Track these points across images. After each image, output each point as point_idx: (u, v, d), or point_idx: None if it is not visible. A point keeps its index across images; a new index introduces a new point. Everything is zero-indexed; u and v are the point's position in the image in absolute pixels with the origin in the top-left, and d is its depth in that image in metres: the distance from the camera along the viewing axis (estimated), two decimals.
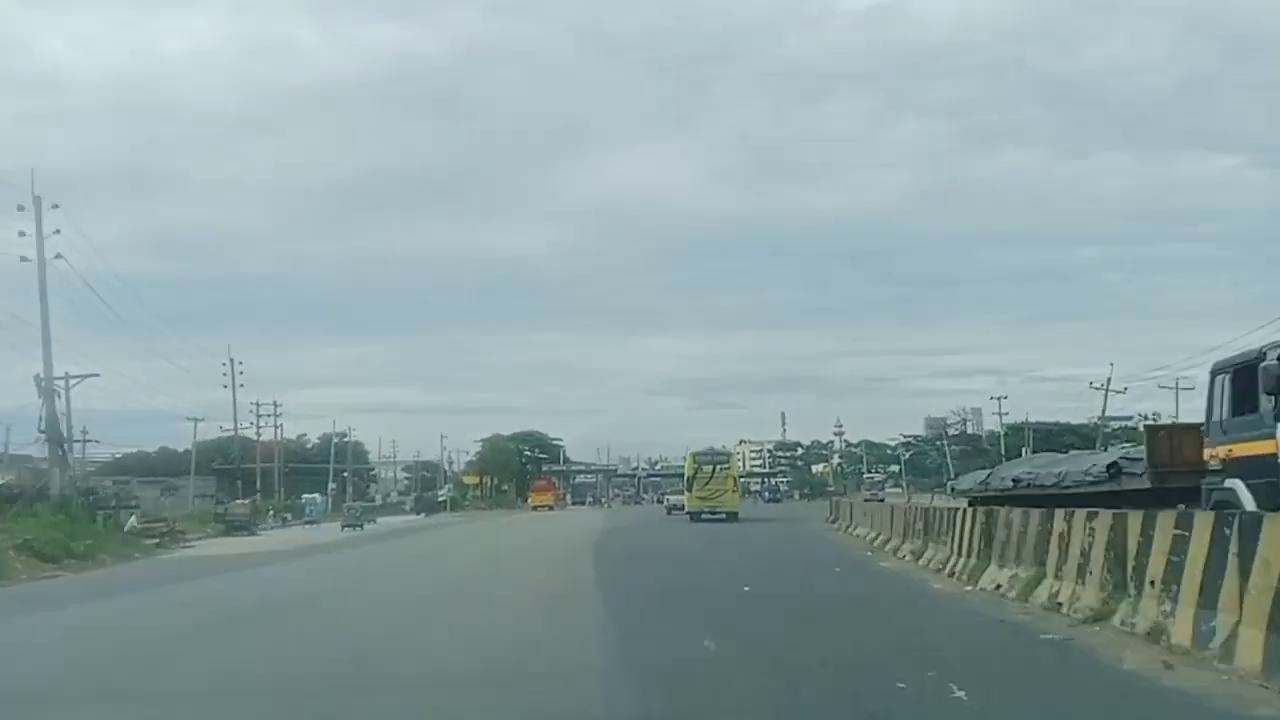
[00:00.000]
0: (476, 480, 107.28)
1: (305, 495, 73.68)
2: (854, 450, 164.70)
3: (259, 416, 78.21)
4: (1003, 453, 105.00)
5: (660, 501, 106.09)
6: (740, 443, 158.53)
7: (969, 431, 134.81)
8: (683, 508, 47.43)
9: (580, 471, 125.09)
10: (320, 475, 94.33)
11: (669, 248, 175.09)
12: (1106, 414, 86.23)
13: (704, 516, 39.35)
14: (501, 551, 30.38)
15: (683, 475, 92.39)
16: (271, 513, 64.65)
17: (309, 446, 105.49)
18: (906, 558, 19.69)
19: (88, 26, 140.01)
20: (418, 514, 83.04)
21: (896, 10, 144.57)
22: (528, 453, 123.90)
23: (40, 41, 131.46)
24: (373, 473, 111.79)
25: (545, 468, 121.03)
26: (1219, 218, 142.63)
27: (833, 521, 41.20)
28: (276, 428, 79.72)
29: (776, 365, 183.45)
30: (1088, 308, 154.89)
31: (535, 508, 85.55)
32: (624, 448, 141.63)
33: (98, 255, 77.78)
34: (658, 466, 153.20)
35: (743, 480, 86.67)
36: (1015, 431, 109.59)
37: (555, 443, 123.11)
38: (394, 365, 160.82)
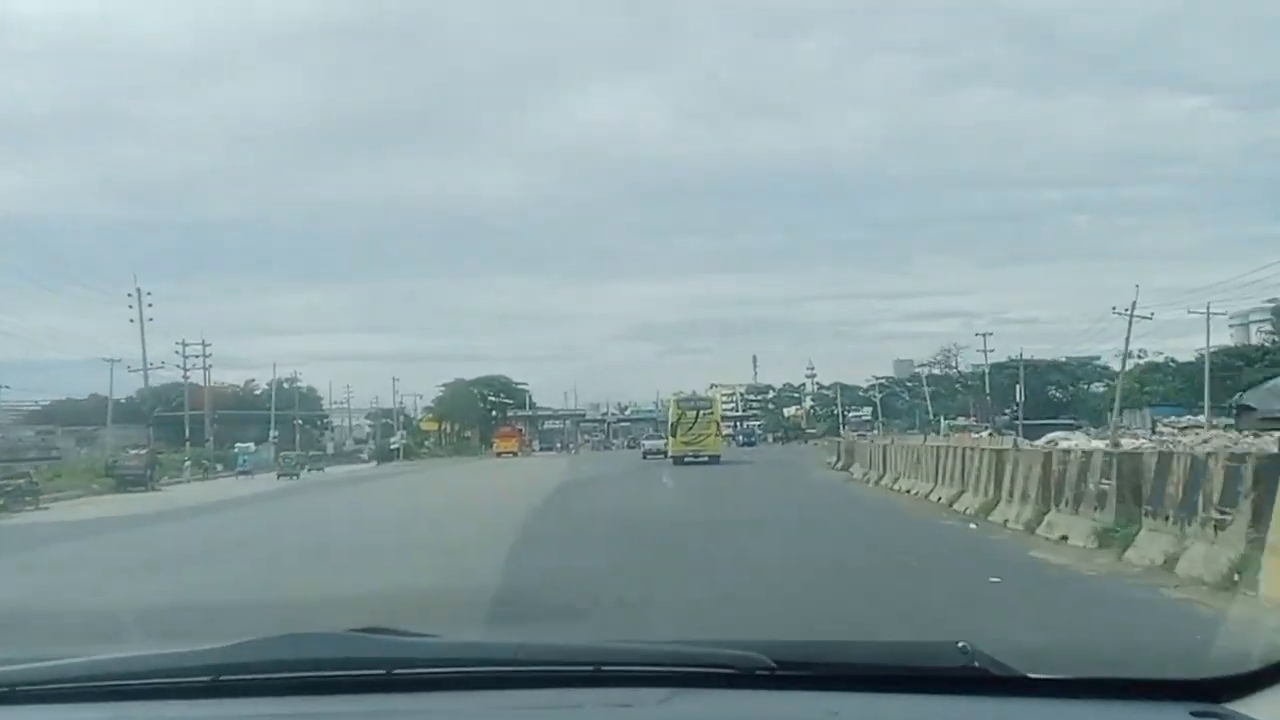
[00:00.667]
0: (436, 427, 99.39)
1: (239, 444, 65.77)
2: (826, 393, 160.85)
3: (185, 359, 69.28)
4: (988, 391, 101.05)
5: (632, 446, 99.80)
6: (711, 386, 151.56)
7: (949, 371, 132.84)
8: (662, 452, 48.05)
9: (548, 417, 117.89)
10: (269, 422, 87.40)
11: (636, 190, 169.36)
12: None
13: (686, 460, 38.92)
14: (426, 509, 23.59)
15: (654, 420, 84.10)
16: (188, 463, 56.79)
17: (257, 393, 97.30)
18: (1029, 530, 12.56)
19: None
20: (371, 462, 75.81)
21: None
22: (492, 398, 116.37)
23: None
24: (326, 419, 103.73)
25: (510, 413, 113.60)
26: (1185, 159, 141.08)
27: (842, 468, 34.20)
28: (205, 369, 71.19)
29: (746, 309, 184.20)
30: (1054, 249, 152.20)
31: (499, 454, 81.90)
32: (593, 393, 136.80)
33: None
34: (628, 411, 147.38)
35: None
36: (999, 370, 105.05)
37: (520, 388, 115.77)
38: (356, 312, 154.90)
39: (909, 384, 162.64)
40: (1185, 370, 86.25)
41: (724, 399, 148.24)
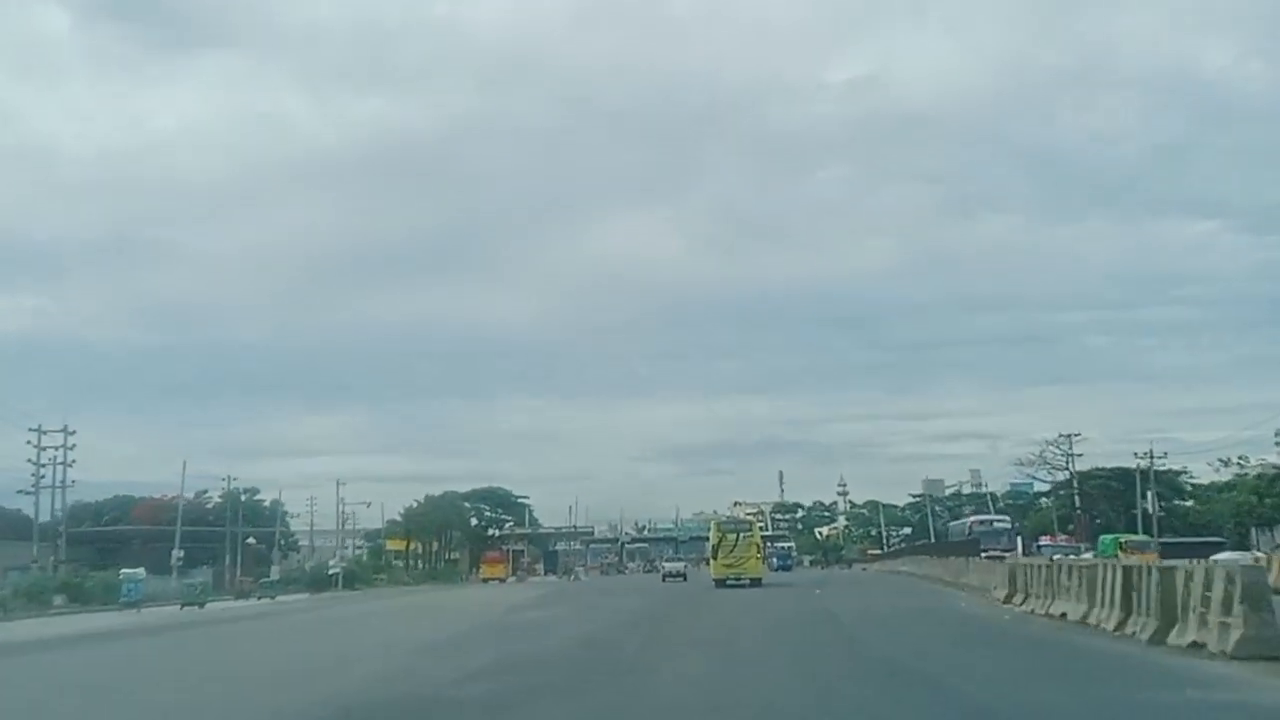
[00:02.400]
0: (402, 546, 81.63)
1: (125, 570, 49.44)
2: (861, 511, 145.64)
3: (39, 465, 53.68)
4: (1078, 507, 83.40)
5: (649, 570, 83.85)
6: (735, 505, 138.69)
7: (976, 490, 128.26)
8: (681, 575, 53.12)
9: (549, 535, 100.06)
10: (224, 540, 72.72)
11: (655, 314, 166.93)
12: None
13: (729, 583, 37.65)
14: None
15: (673, 539, 74.84)
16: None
17: (208, 506, 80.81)
18: None
19: (79, 99, 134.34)
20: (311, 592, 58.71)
21: (878, 81, 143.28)
22: (488, 513, 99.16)
23: (32, 113, 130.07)
24: (294, 539, 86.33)
25: (506, 530, 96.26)
26: (1198, 281, 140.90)
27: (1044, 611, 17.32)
28: (63, 472, 55.22)
29: (764, 430, 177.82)
30: (1073, 371, 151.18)
31: (486, 580, 71.29)
32: (610, 515, 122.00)
33: None
34: (644, 530, 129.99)
35: None
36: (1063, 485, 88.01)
37: (520, 501, 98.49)
38: (376, 434, 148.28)
39: (949, 502, 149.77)
40: None
41: (750, 517, 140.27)
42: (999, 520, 58.13)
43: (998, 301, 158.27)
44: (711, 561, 40.14)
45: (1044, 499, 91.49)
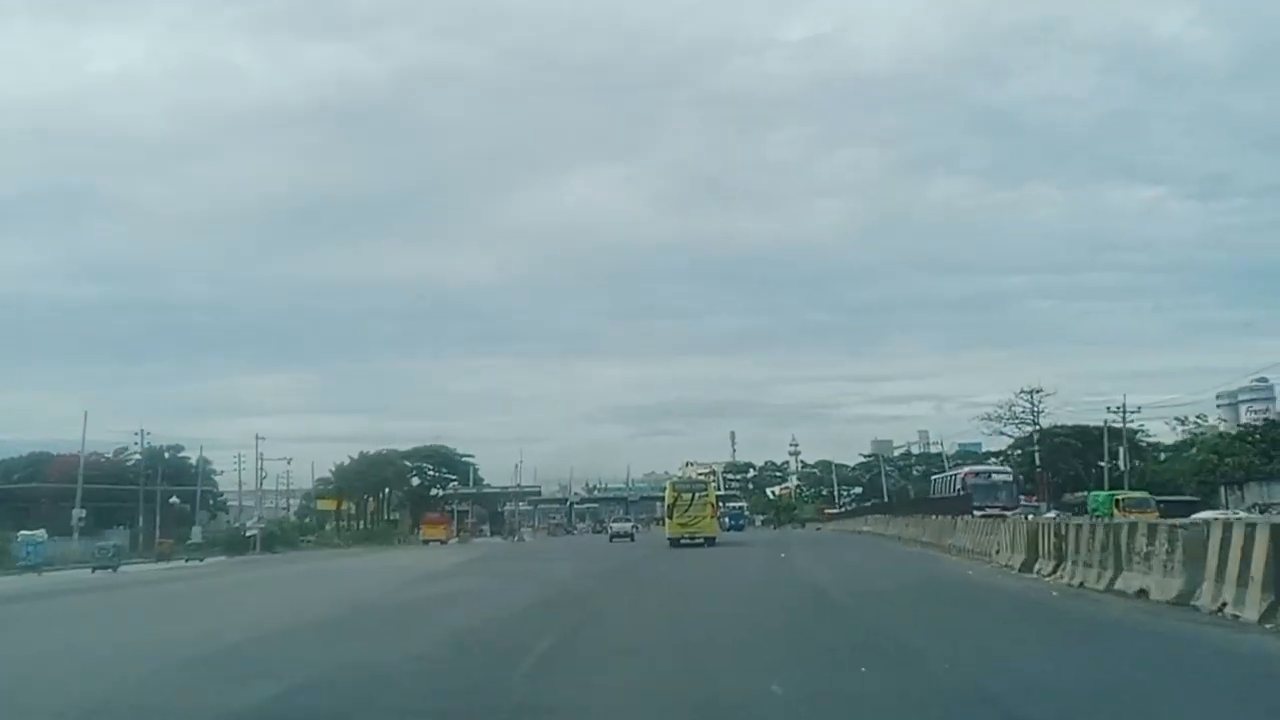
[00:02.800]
0: (334, 506, 76.03)
1: (23, 531, 43.95)
2: (813, 471, 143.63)
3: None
4: (1038, 465, 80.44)
5: (598, 530, 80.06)
6: (686, 464, 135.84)
7: (925, 450, 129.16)
8: (629, 535, 56.42)
9: (495, 495, 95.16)
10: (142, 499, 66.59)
11: (609, 273, 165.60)
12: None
13: (683, 542, 38.04)
14: None
15: (623, 499, 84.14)
16: None
17: (128, 464, 74.52)
18: None
19: (15, 44, 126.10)
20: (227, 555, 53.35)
21: (834, 40, 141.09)
22: (430, 472, 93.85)
23: None
24: (222, 499, 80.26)
25: (449, 489, 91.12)
26: (1142, 247, 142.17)
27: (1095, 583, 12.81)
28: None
29: (717, 391, 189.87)
30: (1020, 334, 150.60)
31: (426, 541, 67.46)
32: (561, 476, 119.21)
33: None
34: (594, 491, 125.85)
35: None
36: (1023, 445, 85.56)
37: (465, 460, 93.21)
38: (323, 393, 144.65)
39: (899, 462, 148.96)
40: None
41: (701, 477, 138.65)
42: (999, 472, 52.97)
43: (948, 264, 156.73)
44: (667, 521, 40.38)
45: (994, 458, 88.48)
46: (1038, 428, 69.29)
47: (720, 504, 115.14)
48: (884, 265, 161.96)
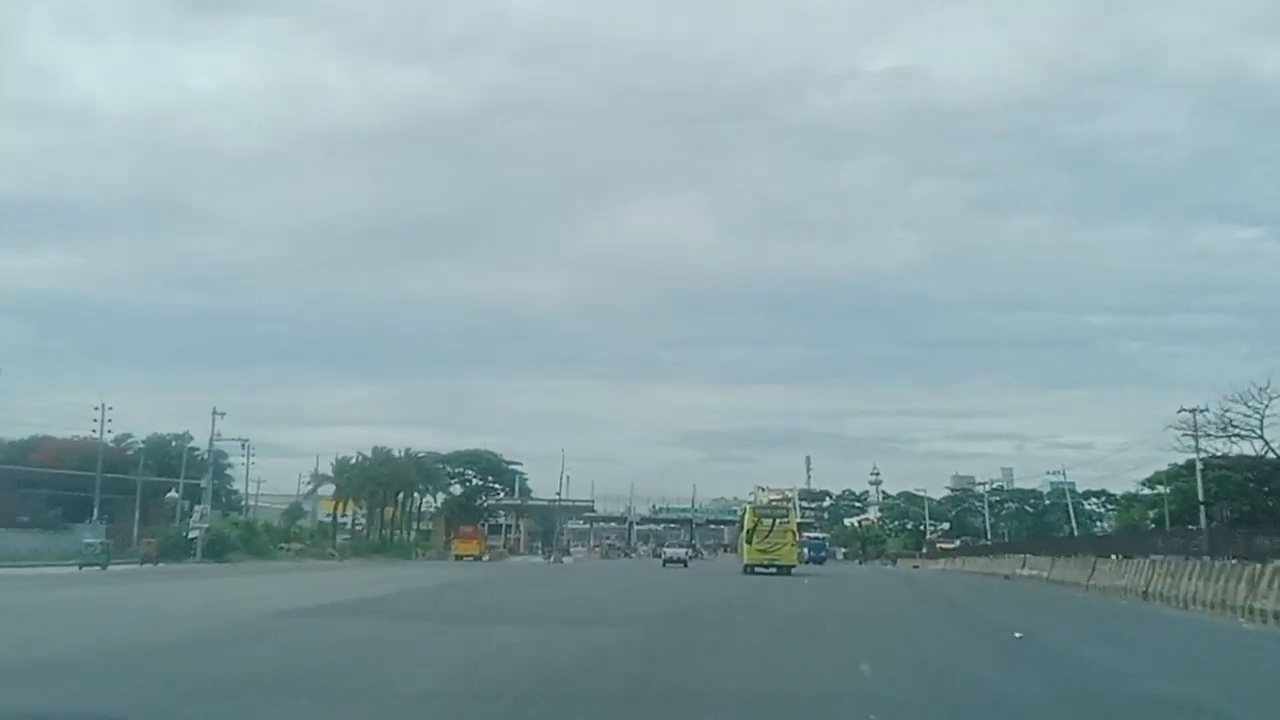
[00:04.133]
0: (339, 509, 64.26)
1: None
2: (896, 503, 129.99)
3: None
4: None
5: (658, 555, 68.28)
6: (758, 489, 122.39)
7: (1007, 487, 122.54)
8: (681, 562, 52.48)
9: (541, 507, 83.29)
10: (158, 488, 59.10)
11: (681, 299, 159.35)
12: None
13: (756, 570, 34.90)
14: None
15: (688, 521, 79.48)
16: None
17: (128, 453, 65.03)
18: None
19: (118, 60, 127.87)
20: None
21: (917, 72, 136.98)
22: (474, 480, 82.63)
23: (71, 72, 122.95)
24: (235, 496, 69.88)
25: (497, 500, 79.75)
26: (1237, 290, 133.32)
27: None
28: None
29: (788, 420, 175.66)
30: (1102, 374, 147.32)
31: (459, 556, 59.35)
32: (625, 493, 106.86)
33: None
34: (659, 511, 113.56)
35: None
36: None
37: (512, 468, 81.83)
38: (401, 408, 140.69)
39: (991, 498, 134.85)
40: None
41: (776, 503, 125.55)
42: None
43: (1027, 301, 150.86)
44: (745, 546, 37.45)
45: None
46: (1263, 439, 49.73)
47: (800, 533, 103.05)
48: (961, 300, 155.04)
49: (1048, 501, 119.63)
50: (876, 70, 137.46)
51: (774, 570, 34.69)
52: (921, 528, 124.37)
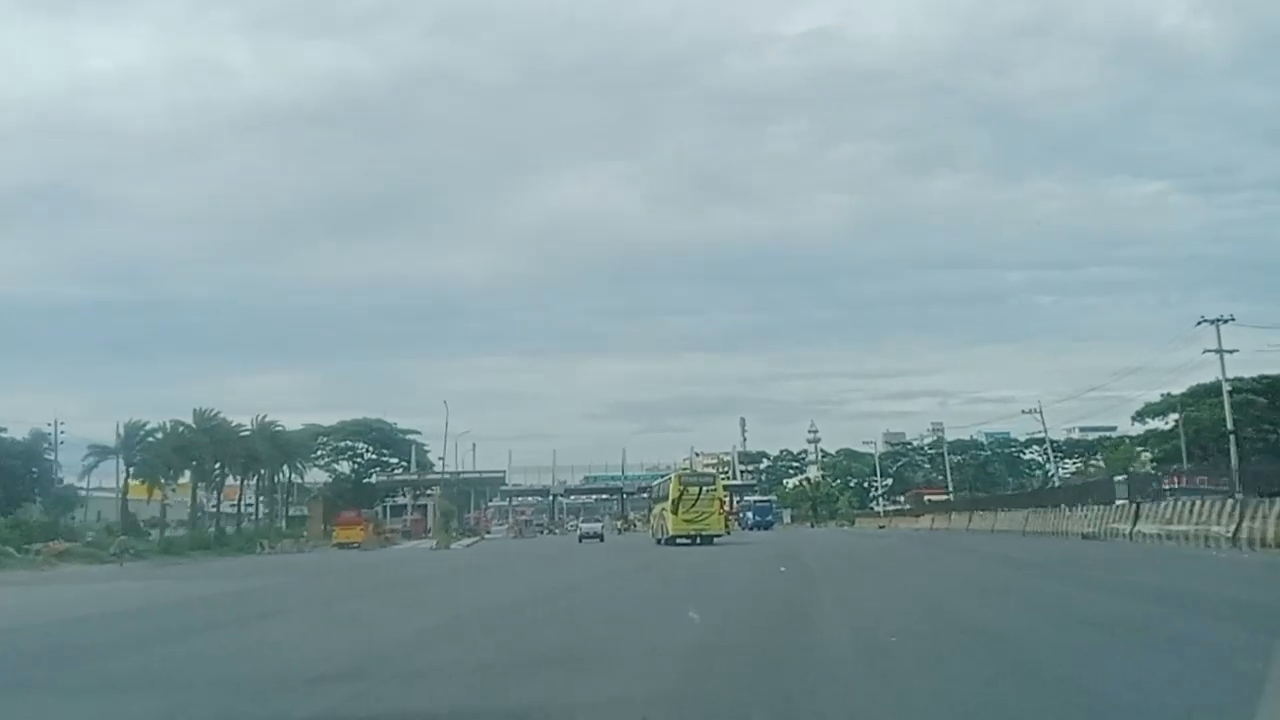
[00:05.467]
0: (149, 494, 48.96)
1: None
2: (838, 460, 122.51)
3: None
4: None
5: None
6: (693, 454, 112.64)
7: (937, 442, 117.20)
8: (598, 536, 48.46)
9: (436, 481, 70.02)
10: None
11: (610, 272, 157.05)
12: None
13: (679, 541, 33.10)
14: None
15: (619, 491, 72.00)
16: None
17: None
18: None
19: (8, 41, 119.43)
20: None
21: (834, 34, 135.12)
22: (367, 454, 69.22)
23: None
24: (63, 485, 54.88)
25: (396, 474, 66.58)
26: (1147, 241, 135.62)
27: None
28: None
29: (721, 388, 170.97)
30: (1022, 330, 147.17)
31: (340, 545, 49.54)
32: (563, 474, 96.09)
33: None
34: (589, 481, 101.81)
35: None
36: None
37: (407, 437, 68.51)
38: (327, 392, 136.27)
39: (929, 450, 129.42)
40: None
41: (710, 468, 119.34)
42: None
43: (950, 259, 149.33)
44: (670, 516, 34.23)
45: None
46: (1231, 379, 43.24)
47: (740, 497, 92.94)
48: (886, 261, 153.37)
49: (987, 453, 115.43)
50: (794, 33, 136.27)
51: (699, 540, 32.69)
52: (866, 485, 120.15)
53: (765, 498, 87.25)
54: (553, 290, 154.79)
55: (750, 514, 73.62)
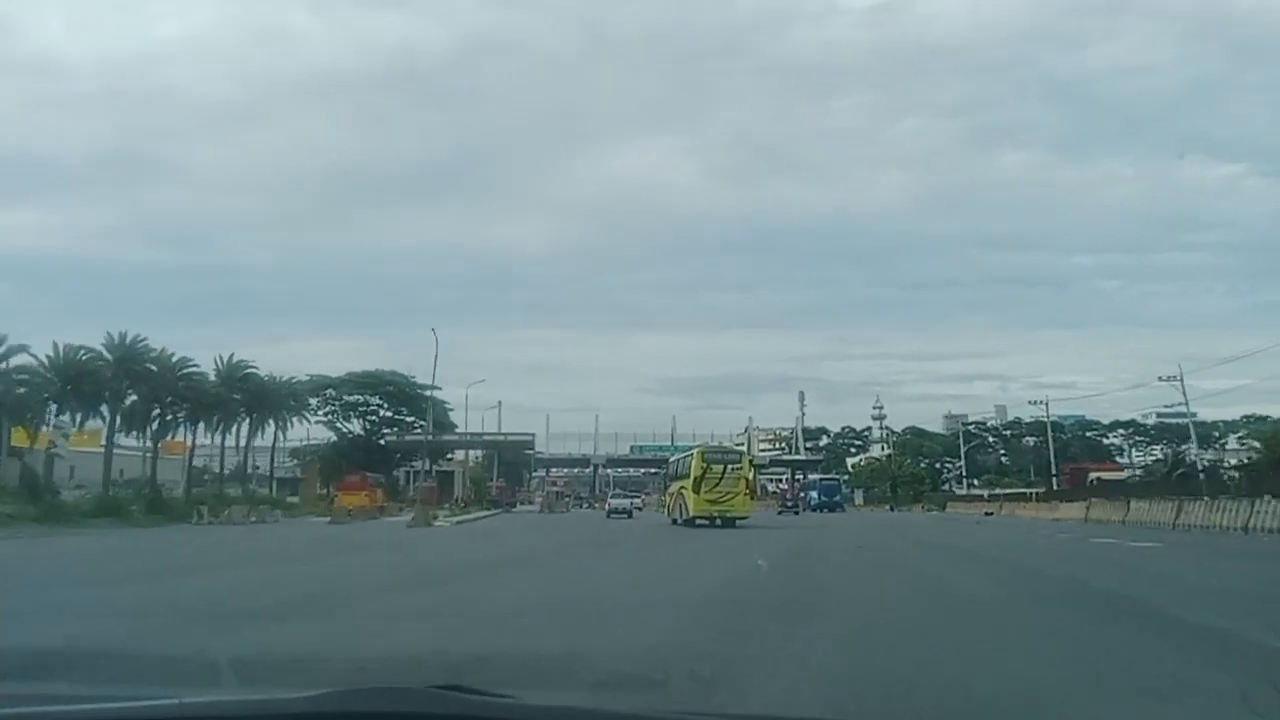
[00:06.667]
0: (28, 439, 38.16)
1: None
2: (905, 438, 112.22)
3: None
4: None
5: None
6: (745, 431, 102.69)
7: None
8: (626, 513, 43.76)
9: (463, 443, 60.21)
10: None
11: (667, 245, 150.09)
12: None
13: (698, 522, 30.35)
14: None
15: (665, 462, 55.88)
16: None
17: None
18: None
19: (81, 8, 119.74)
20: None
21: (901, 7, 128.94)
22: (383, 410, 59.80)
23: (33, 23, 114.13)
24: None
25: (400, 435, 56.98)
26: (1219, 226, 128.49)
27: None
28: None
29: (774, 366, 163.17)
30: (1085, 314, 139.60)
31: (340, 513, 39.63)
32: (606, 441, 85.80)
33: None
34: (635, 452, 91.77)
35: (764, 477, 69.25)
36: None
37: (425, 391, 58.76)
38: (385, 359, 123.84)
39: (1006, 432, 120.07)
40: None
41: (763, 445, 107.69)
42: None
43: (1013, 241, 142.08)
44: (692, 496, 31.50)
45: None
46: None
47: (802, 474, 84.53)
48: (947, 240, 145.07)
49: (1067, 435, 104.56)
50: (860, 6, 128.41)
51: (719, 523, 30.17)
52: (938, 465, 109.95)
53: (832, 475, 76.97)
54: (607, 263, 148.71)
55: (815, 493, 63.54)
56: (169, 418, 37.55)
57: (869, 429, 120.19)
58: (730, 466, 31.90)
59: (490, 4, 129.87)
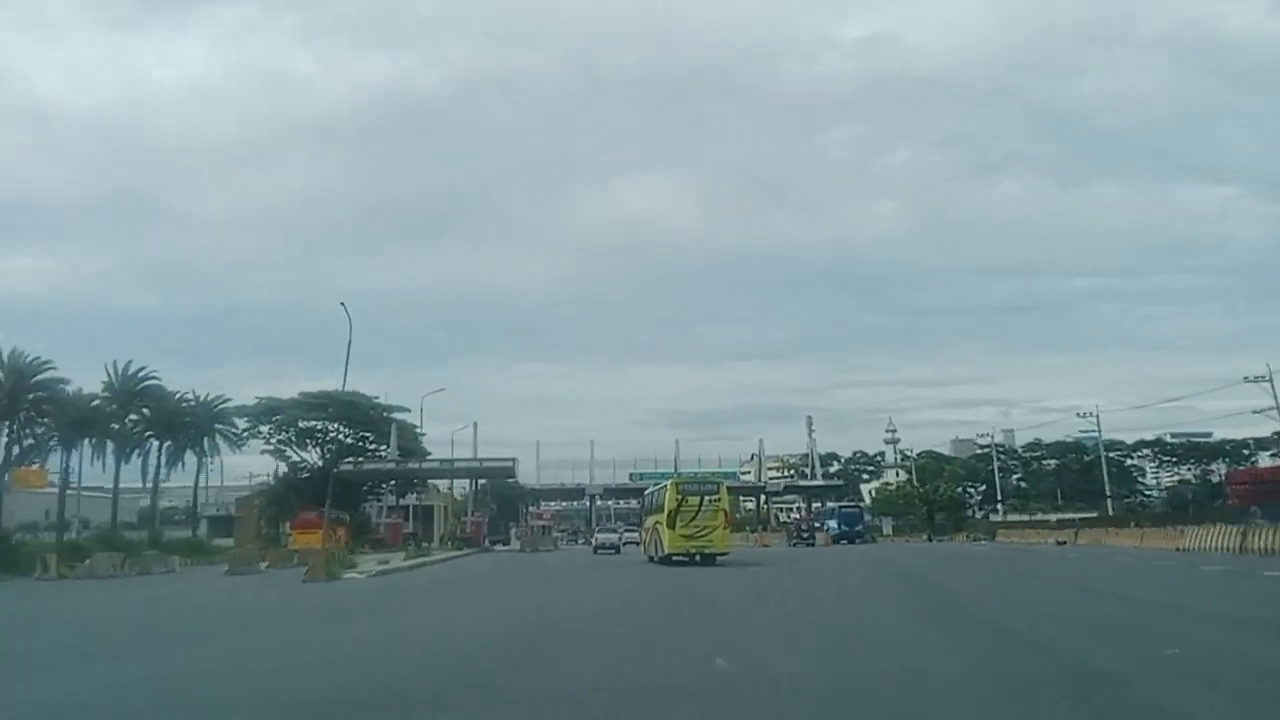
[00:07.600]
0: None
1: None
2: (923, 462, 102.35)
3: None
4: None
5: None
6: (753, 457, 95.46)
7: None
8: (613, 548, 43.97)
9: (432, 472, 51.74)
10: None
11: (663, 280, 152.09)
12: None
13: (675, 560, 28.86)
14: None
15: (644, 503, 51.49)
16: None
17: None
18: None
19: (78, 54, 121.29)
20: None
21: (891, 40, 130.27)
22: (342, 436, 51.46)
23: (30, 69, 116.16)
24: None
25: (357, 464, 48.63)
26: (1214, 249, 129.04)
27: None
28: None
29: (777, 397, 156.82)
30: (1084, 338, 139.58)
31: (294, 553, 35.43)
32: (603, 470, 78.72)
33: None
34: (632, 480, 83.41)
35: (777, 505, 71.13)
36: None
37: (389, 414, 50.49)
38: (384, 398, 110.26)
39: (1029, 455, 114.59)
40: None
41: (772, 472, 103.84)
42: None
43: (1009, 267, 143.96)
44: (667, 531, 29.27)
45: None
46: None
47: (818, 502, 77.37)
48: (944, 269, 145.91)
49: (1088, 457, 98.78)
50: (851, 38, 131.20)
51: (698, 559, 28.24)
52: (960, 490, 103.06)
53: (853, 502, 69.69)
54: (606, 298, 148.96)
55: (835, 522, 55.97)
56: (22, 440, 29.21)
57: (881, 454, 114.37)
58: (707, 498, 29.66)
59: (483, 45, 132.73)
